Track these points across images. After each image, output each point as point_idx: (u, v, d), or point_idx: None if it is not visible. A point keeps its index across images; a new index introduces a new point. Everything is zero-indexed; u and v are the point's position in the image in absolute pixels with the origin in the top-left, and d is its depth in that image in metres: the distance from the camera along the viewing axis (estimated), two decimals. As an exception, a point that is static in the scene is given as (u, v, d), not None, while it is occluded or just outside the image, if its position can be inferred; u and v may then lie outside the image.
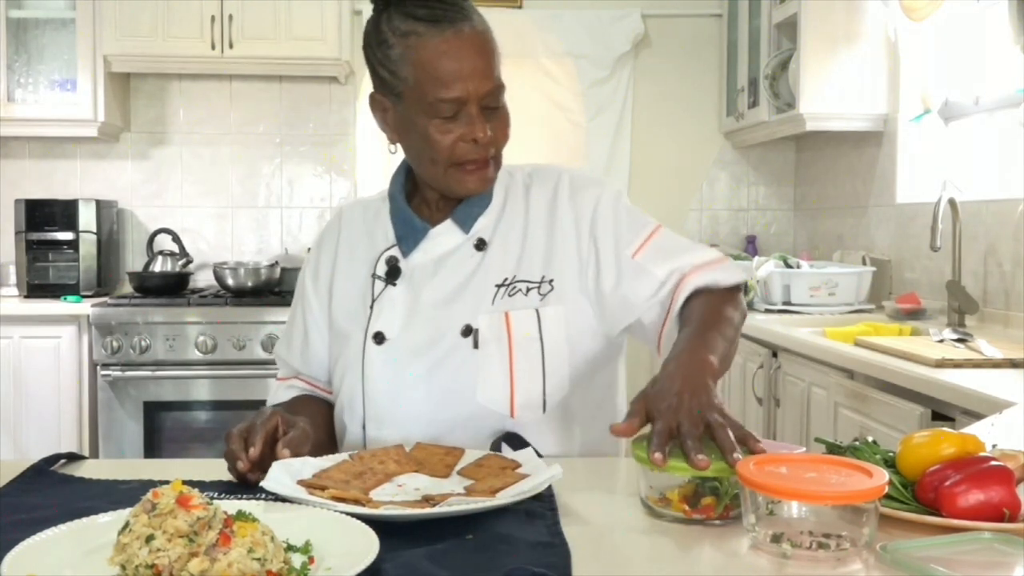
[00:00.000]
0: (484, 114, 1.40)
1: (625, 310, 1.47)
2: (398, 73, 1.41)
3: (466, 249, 1.48)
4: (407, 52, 1.39)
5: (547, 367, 1.44)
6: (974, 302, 2.96)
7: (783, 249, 4.33)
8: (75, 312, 3.76)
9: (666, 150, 4.57)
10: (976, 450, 1.14)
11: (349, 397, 1.49)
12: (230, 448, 1.25)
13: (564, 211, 1.49)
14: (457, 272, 1.47)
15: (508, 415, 1.43)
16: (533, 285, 1.46)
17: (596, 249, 1.48)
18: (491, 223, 1.50)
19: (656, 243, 1.50)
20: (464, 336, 1.43)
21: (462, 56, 1.37)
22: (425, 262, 1.48)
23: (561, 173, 1.54)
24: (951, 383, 2.05)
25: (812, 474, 1.04)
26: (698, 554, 1.03)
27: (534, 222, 1.50)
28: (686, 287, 1.44)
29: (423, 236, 1.48)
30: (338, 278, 1.54)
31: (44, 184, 4.33)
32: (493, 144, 1.41)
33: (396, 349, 1.45)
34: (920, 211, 3.39)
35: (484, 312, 1.44)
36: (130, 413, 3.73)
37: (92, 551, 0.94)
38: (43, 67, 4.09)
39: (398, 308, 1.46)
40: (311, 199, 4.48)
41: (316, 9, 4.00)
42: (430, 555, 0.96)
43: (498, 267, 1.47)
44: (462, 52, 1.37)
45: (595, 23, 4.42)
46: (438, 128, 1.39)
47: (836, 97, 3.65)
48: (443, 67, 1.36)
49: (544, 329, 1.44)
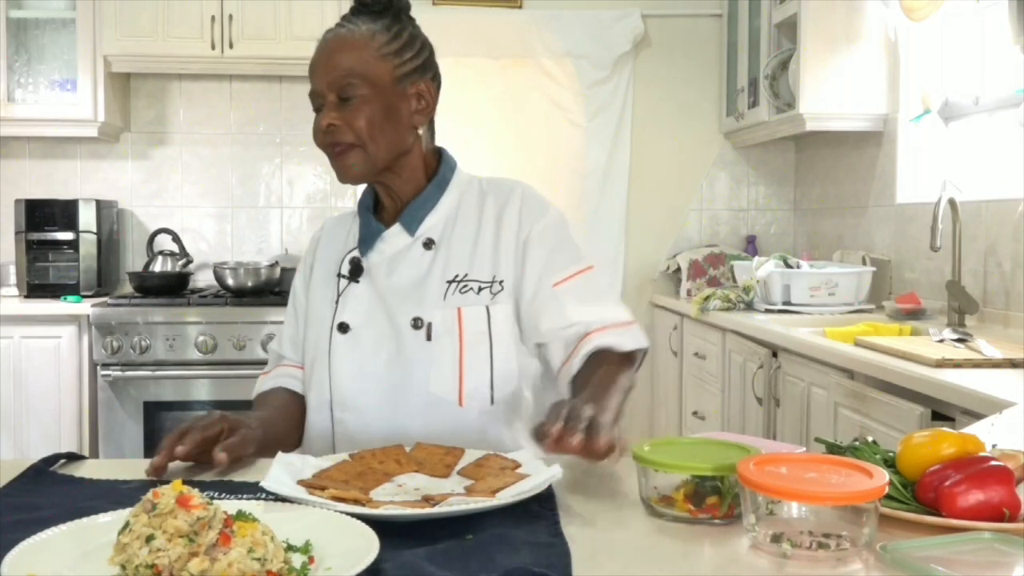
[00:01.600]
0: (339, 106, 1.53)
1: (532, 329, 1.58)
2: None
3: (416, 248, 1.60)
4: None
5: (495, 361, 1.55)
6: (974, 302, 2.96)
7: (783, 249, 4.33)
8: (75, 312, 3.76)
9: (666, 150, 4.57)
10: (976, 450, 1.15)
11: (318, 382, 1.61)
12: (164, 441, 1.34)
13: (510, 220, 1.61)
14: (410, 269, 1.59)
15: (457, 404, 1.53)
16: (485, 284, 1.57)
17: (524, 264, 1.59)
18: (440, 224, 1.62)
19: (580, 282, 1.59)
20: (415, 328, 1.55)
21: (321, 54, 1.56)
22: (380, 261, 1.61)
23: (516, 186, 1.66)
24: (951, 383, 2.05)
25: (812, 474, 1.04)
26: (698, 554, 1.03)
27: (485, 227, 1.61)
28: (589, 342, 1.54)
29: (377, 237, 1.61)
30: (313, 281, 1.70)
31: (44, 184, 4.34)
32: (340, 133, 1.53)
33: (358, 338, 1.58)
34: (920, 211, 3.40)
35: (438, 307, 1.55)
36: (130, 413, 3.73)
37: (92, 551, 0.94)
38: (43, 67, 4.09)
39: (360, 302, 1.60)
40: (311, 199, 4.48)
41: (316, 9, 4.00)
42: (430, 555, 0.96)
43: (449, 265, 1.59)
44: (323, 51, 1.56)
45: (595, 23, 4.42)
46: (314, 119, 1.56)
47: (836, 97, 3.65)
48: (310, 66, 1.56)
49: (493, 326, 1.56)
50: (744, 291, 3.61)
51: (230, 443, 1.34)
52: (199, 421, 1.37)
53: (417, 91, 1.58)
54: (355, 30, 1.55)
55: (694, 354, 3.85)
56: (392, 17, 1.58)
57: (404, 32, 1.58)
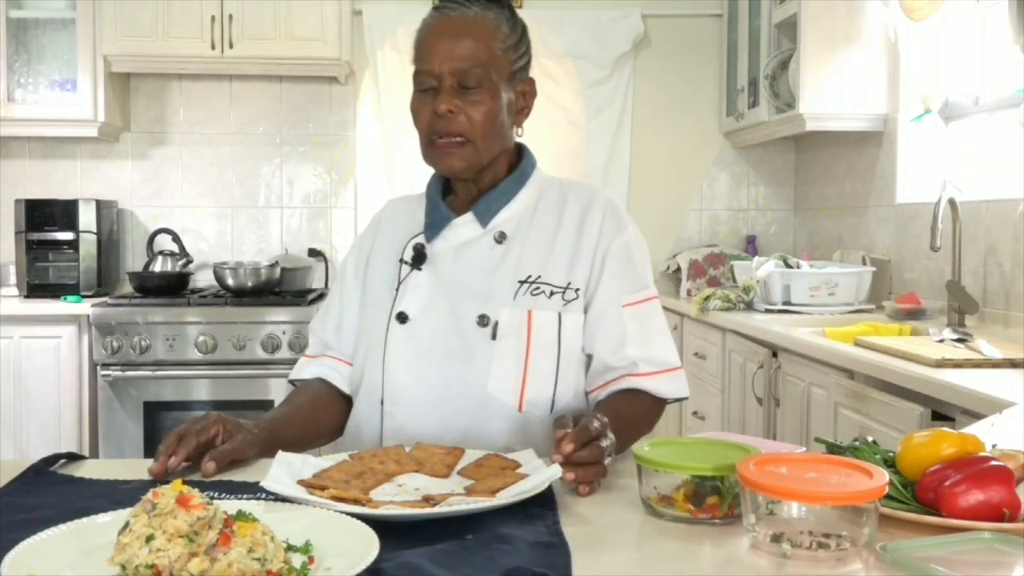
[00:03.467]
0: (459, 93, 1.47)
1: (587, 341, 1.53)
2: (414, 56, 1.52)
3: (486, 241, 1.54)
4: (418, 35, 1.52)
5: (560, 370, 1.50)
6: (974, 302, 2.96)
7: (783, 249, 4.34)
8: (75, 312, 3.76)
9: (666, 150, 4.57)
10: (976, 450, 1.15)
11: (371, 372, 1.54)
12: (161, 445, 1.31)
13: (591, 229, 1.55)
14: (478, 262, 1.53)
15: (516, 409, 1.48)
16: (558, 290, 1.52)
17: (600, 278, 1.54)
18: (515, 219, 1.56)
19: (645, 310, 1.55)
20: (480, 326, 1.49)
21: (443, 34, 1.48)
22: (445, 249, 1.55)
23: (599, 195, 1.60)
24: (951, 383, 2.05)
25: (812, 474, 1.04)
26: (698, 554, 1.03)
27: (565, 230, 1.55)
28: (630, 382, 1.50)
29: (446, 225, 1.55)
30: (372, 263, 1.62)
31: (44, 184, 4.34)
32: (456, 124, 1.47)
33: (416, 330, 1.52)
34: (920, 211, 3.40)
35: (506, 306, 1.50)
36: (130, 413, 3.73)
37: (92, 551, 0.94)
38: (43, 67, 4.09)
39: (421, 291, 1.54)
40: (311, 199, 4.48)
41: (316, 9, 4.00)
42: (430, 555, 0.96)
43: (522, 263, 1.53)
44: (445, 30, 1.48)
45: (595, 23, 4.42)
46: (418, 99, 1.50)
47: (836, 97, 3.65)
48: (424, 42, 1.50)
49: (563, 334, 1.51)
50: (744, 291, 3.61)
51: (222, 451, 1.30)
52: (195, 424, 1.33)
53: (523, 89, 1.55)
54: (481, 16, 1.49)
55: (694, 354, 3.85)
56: (508, 8, 1.53)
57: (519, 25, 1.54)
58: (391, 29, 4.31)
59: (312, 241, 4.47)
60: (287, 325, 3.76)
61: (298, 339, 3.74)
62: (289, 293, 4.06)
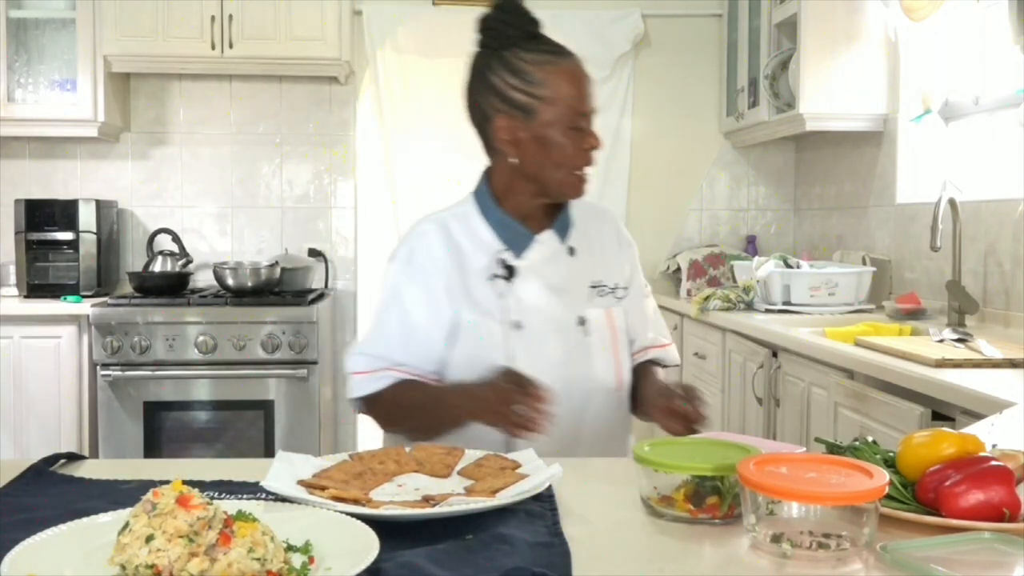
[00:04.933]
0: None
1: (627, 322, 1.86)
2: (536, 93, 1.68)
3: (562, 255, 1.79)
4: (547, 76, 1.68)
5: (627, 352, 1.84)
6: (974, 302, 2.96)
7: (783, 249, 4.33)
8: (75, 312, 3.76)
9: (666, 150, 4.57)
10: (976, 450, 1.15)
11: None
12: (522, 395, 1.49)
13: (621, 237, 1.91)
14: (560, 272, 1.77)
15: (616, 390, 1.79)
16: (614, 289, 1.83)
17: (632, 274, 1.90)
18: (576, 234, 1.82)
19: (651, 300, 1.97)
20: (580, 325, 1.76)
21: (584, 80, 1.72)
22: (534, 263, 1.76)
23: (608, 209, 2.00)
24: (951, 383, 2.05)
25: (812, 474, 1.04)
26: (698, 554, 1.03)
27: (606, 240, 1.87)
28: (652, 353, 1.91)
29: (530, 241, 1.76)
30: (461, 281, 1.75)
31: (44, 184, 4.34)
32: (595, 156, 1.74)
33: (532, 335, 1.73)
34: (920, 211, 3.40)
35: (591, 307, 1.79)
36: (130, 413, 3.73)
37: (92, 551, 0.94)
38: (43, 67, 4.09)
39: (528, 301, 1.74)
40: (311, 199, 4.48)
41: (316, 9, 4.00)
42: (430, 555, 0.96)
43: (588, 271, 1.80)
44: (584, 77, 1.72)
45: (595, 23, 4.42)
46: (569, 137, 1.69)
47: (836, 97, 3.65)
48: (578, 86, 1.70)
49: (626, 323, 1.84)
50: (744, 291, 3.61)
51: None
52: (506, 377, 1.55)
53: None
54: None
55: (694, 354, 3.85)
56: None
57: None
58: (391, 29, 4.30)
59: (312, 241, 4.47)
60: (287, 325, 3.76)
61: (298, 339, 3.74)
62: (289, 293, 4.06)
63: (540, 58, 1.68)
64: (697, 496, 1.10)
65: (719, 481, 1.09)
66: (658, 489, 1.13)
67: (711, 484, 1.09)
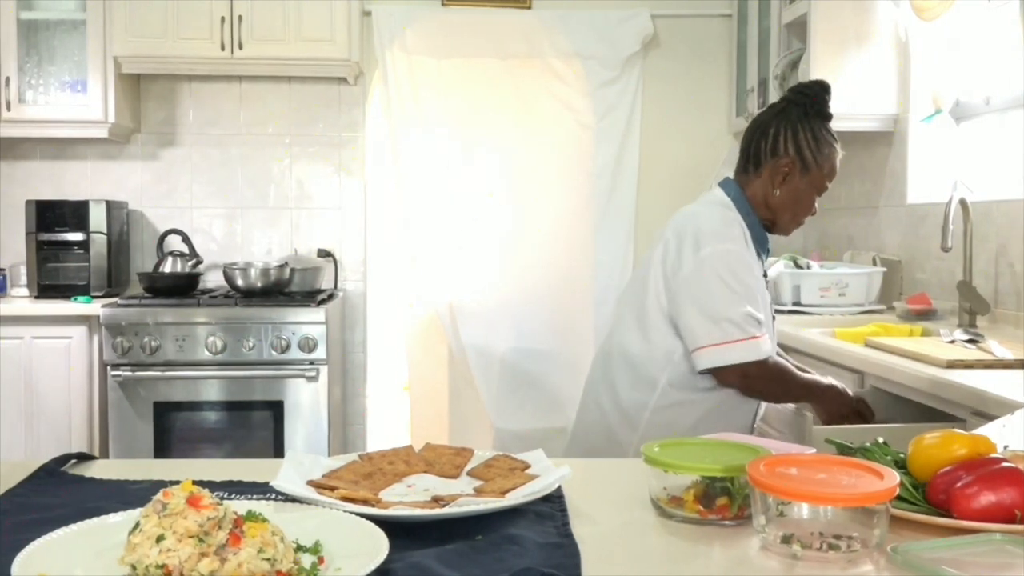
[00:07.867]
0: None
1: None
2: (819, 161, 2.25)
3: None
4: (831, 154, 2.27)
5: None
6: (985, 303, 2.95)
7: (793, 249, 4.31)
8: (85, 312, 3.77)
9: (675, 150, 4.56)
10: (987, 451, 1.14)
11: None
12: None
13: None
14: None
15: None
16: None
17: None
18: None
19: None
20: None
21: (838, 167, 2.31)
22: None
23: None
24: (962, 384, 2.04)
25: (822, 475, 1.03)
26: (708, 555, 1.03)
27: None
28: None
29: (766, 254, 2.36)
30: (755, 273, 2.26)
31: (55, 185, 4.35)
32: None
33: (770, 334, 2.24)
34: (931, 211, 3.38)
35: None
36: (140, 413, 3.74)
37: (103, 551, 0.94)
38: (54, 68, 4.10)
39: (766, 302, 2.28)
40: (321, 200, 4.49)
41: (326, 10, 4.01)
42: (440, 556, 0.96)
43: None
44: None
45: (604, 24, 4.42)
46: (813, 200, 2.33)
47: (846, 97, 3.63)
48: (837, 171, 2.31)
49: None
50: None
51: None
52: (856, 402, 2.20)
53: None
54: None
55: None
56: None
57: None
58: (400, 30, 4.31)
59: (322, 241, 4.48)
60: (297, 325, 3.76)
61: (307, 340, 3.74)
62: (299, 294, 4.07)
63: (832, 140, 2.26)
64: (707, 497, 1.10)
65: (729, 482, 1.09)
66: (668, 490, 1.13)
67: (721, 485, 1.09)
